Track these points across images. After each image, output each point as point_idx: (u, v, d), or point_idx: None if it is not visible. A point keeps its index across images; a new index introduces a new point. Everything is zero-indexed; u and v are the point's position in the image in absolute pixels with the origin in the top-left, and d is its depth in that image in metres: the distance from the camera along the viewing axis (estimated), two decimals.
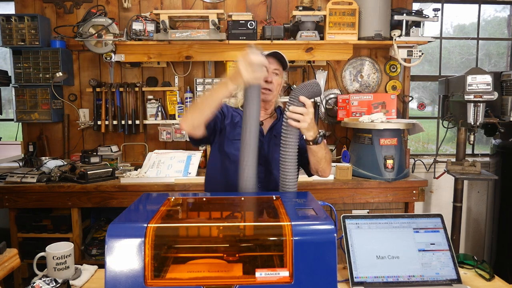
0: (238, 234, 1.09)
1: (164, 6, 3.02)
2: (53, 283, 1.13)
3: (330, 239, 0.96)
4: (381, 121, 2.59)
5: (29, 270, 2.53)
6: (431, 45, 3.40)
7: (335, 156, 3.10)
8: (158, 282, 0.96)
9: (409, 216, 1.32)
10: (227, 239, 1.09)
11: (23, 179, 2.47)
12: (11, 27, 2.78)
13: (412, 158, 3.19)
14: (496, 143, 3.09)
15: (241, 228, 1.12)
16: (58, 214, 2.53)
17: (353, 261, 1.22)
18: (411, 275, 1.20)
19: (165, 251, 1.05)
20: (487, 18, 3.55)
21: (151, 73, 3.07)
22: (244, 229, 1.11)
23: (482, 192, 3.37)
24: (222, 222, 1.16)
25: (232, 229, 1.11)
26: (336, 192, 2.53)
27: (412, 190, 2.57)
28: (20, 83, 2.86)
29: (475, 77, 2.46)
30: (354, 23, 2.76)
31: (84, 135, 3.09)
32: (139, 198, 1.26)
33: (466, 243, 3.41)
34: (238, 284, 0.95)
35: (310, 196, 1.29)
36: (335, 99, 3.10)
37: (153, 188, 2.46)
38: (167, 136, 3.02)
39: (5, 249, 1.38)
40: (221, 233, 1.09)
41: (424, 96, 3.77)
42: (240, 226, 1.12)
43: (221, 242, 1.09)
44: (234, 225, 1.12)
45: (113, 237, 0.94)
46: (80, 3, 2.98)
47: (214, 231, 1.10)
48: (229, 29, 2.73)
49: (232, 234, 1.09)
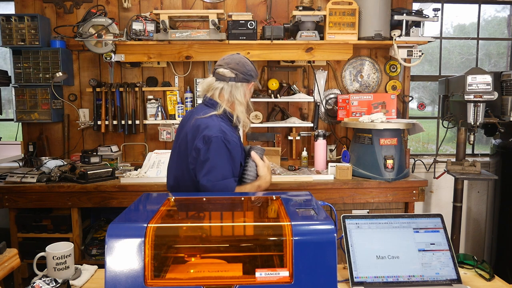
0: (238, 234, 1.09)
1: (164, 6, 3.02)
2: (53, 283, 1.13)
3: (330, 239, 0.96)
4: (381, 121, 2.59)
5: (29, 270, 2.53)
6: (431, 45, 3.40)
7: (335, 156, 3.10)
8: (158, 282, 0.96)
9: (409, 216, 1.32)
10: (227, 239, 1.09)
11: (23, 179, 2.47)
12: (11, 27, 2.78)
13: (412, 158, 3.19)
14: (496, 143, 3.09)
15: (241, 228, 1.12)
16: (58, 214, 2.53)
17: (353, 261, 1.22)
18: (411, 275, 1.20)
19: (165, 251, 1.05)
20: (487, 18, 3.55)
21: (151, 73, 3.07)
22: (244, 229, 1.11)
23: (482, 192, 3.37)
24: (222, 222, 1.16)
25: (232, 229, 1.11)
26: (336, 192, 2.53)
27: (412, 190, 2.57)
28: (20, 83, 2.86)
29: (475, 77, 2.46)
30: (354, 23, 2.76)
31: (84, 135, 3.09)
32: (139, 198, 1.26)
33: (466, 243, 3.41)
34: (238, 284, 0.95)
35: (310, 196, 1.29)
36: (335, 99, 3.10)
37: (153, 188, 2.46)
38: (167, 136, 3.02)
39: (5, 249, 1.38)
40: (221, 233, 1.09)
41: (424, 96, 3.77)
42: (240, 226, 1.12)
43: (221, 242, 1.09)
44: (234, 225, 1.12)
45: (113, 237, 0.94)
46: (80, 3, 2.98)
47: (214, 231, 1.10)
48: (229, 29, 2.73)
49: (232, 234, 1.09)
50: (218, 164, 1.53)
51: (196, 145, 1.56)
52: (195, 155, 1.57)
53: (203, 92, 1.74)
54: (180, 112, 2.98)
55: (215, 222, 1.18)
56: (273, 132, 3.11)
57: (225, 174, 1.54)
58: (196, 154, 1.56)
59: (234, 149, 1.56)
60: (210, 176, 1.53)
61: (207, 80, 1.70)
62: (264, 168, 1.64)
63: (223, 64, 1.67)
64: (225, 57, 1.70)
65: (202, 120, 1.60)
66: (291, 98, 3.02)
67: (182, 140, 1.66)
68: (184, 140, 1.64)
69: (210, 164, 1.53)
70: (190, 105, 2.98)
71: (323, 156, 2.82)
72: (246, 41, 2.73)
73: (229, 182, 1.55)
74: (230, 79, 1.64)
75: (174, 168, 1.72)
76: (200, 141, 1.55)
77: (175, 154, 1.74)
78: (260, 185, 1.63)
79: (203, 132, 1.55)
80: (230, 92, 1.64)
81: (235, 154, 1.57)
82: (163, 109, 3.03)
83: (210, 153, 1.52)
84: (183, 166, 1.64)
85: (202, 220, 1.22)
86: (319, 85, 3.09)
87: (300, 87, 3.12)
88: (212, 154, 1.52)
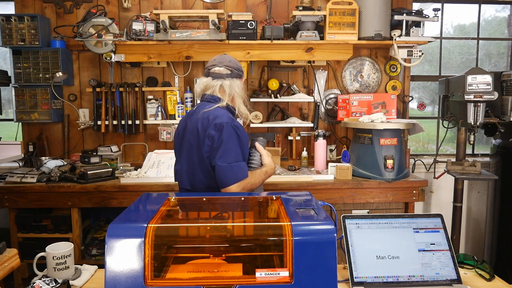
0: (238, 234, 1.09)
1: (164, 6, 3.02)
2: (53, 283, 1.13)
3: (330, 239, 0.96)
4: (381, 121, 2.59)
5: (29, 270, 2.53)
6: (431, 45, 3.40)
7: (335, 156, 3.10)
8: (158, 282, 0.96)
9: (409, 216, 1.32)
10: (227, 239, 1.09)
11: (23, 179, 2.47)
12: (11, 27, 2.78)
13: (412, 158, 3.19)
14: (496, 143, 3.09)
15: (241, 228, 1.12)
16: (58, 214, 2.53)
17: (353, 261, 1.22)
18: (411, 275, 1.20)
19: (165, 251, 1.05)
20: (487, 18, 3.55)
21: (151, 73, 3.07)
22: (244, 229, 1.11)
23: (482, 192, 3.37)
24: (222, 222, 1.16)
25: (232, 229, 1.10)
26: (336, 192, 2.53)
27: (412, 190, 2.57)
28: (20, 83, 2.86)
29: (475, 77, 2.46)
30: (354, 23, 2.76)
31: (84, 135, 3.09)
32: (139, 198, 1.27)
33: (466, 243, 3.41)
34: (238, 284, 0.95)
35: (310, 196, 1.29)
36: (335, 99, 3.10)
37: (153, 188, 2.46)
38: (167, 136, 3.02)
39: (5, 249, 1.38)
40: (221, 233, 1.09)
41: (424, 96, 3.77)
42: (240, 226, 1.12)
43: (221, 242, 1.09)
44: (234, 225, 1.12)
45: (113, 237, 0.94)
46: (80, 3, 2.98)
47: (214, 231, 1.10)
48: (229, 29, 2.73)
49: (232, 234, 1.09)
50: (231, 148, 1.64)
51: (210, 133, 1.65)
52: (210, 143, 1.66)
53: (201, 92, 1.81)
54: (180, 112, 2.98)
55: (215, 222, 1.18)
56: (273, 132, 3.11)
57: (237, 158, 1.65)
58: (211, 141, 1.65)
59: (242, 135, 1.67)
60: (226, 158, 1.62)
61: (203, 80, 1.79)
62: (268, 157, 1.78)
63: (216, 63, 1.76)
64: (215, 58, 1.80)
65: (210, 112, 1.70)
66: (291, 98, 3.02)
67: (190, 134, 1.74)
68: (193, 134, 1.72)
69: (224, 148, 1.63)
70: (190, 105, 2.98)
71: (323, 156, 2.82)
72: (246, 41, 2.73)
73: (243, 165, 1.65)
74: (227, 76, 1.75)
75: (185, 164, 1.77)
76: (212, 128, 1.64)
77: (183, 151, 1.78)
78: (267, 172, 1.75)
79: (214, 121, 1.65)
80: (229, 86, 1.75)
81: (244, 139, 1.68)
82: (163, 109, 3.03)
83: (223, 137, 1.63)
84: (195, 159, 1.73)
85: (202, 220, 1.22)
86: (319, 85, 3.09)
87: (300, 87, 3.11)
88: (225, 139, 1.62)
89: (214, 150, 1.64)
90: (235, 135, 1.64)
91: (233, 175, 1.61)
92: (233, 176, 1.61)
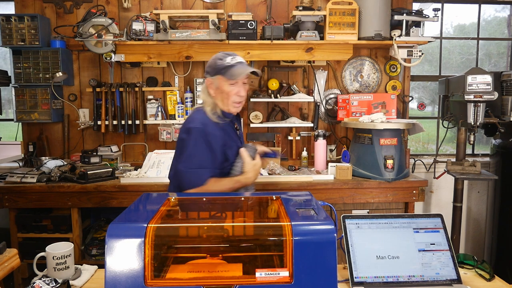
0: (238, 234, 1.09)
1: (164, 6, 3.02)
2: (53, 283, 1.13)
3: (330, 239, 0.96)
4: (381, 121, 2.59)
5: (29, 270, 2.53)
6: (431, 45, 3.40)
7: (335, 156, 3.10)
8: (158, 282, 0.96)
9: (409, 216, 1.32)
10: (227, 239, 1.09)
11: (23, 179, 2.47)
12: (11, 27, 2.78)
13: (412, 158, 3.19)
14: (496, 143, 3.09)
15: (241, 228, 1.12)
16: (58, 214, 2.53)
17: (353, 261, 1.22)
18: (411, 275, 1.20)
19: (165, 251, 1.05)
20: (487, 18, 3.55)
21: (151, 73, 3.07)
22: (244, 229, 1.11)
23: (482, 192, 3.37)
24: (222, 222, 1.16)
25: (232, 229, 1.10)
26: (336, 192, 2.53)
27: (412, 190, 2.57)
28: (20, 83, 2.86)
29: (475, 77, 2.46)
30: (354, 23, 2.76)
31: (84, 135, 3.09)
32: (139, 198, 1.26)
33: (466, 243, 3.41)
34: (238, 284, 0.95)
35: (310, 196, 1.29)
36: (335, 99, 3.10)
37: (153, 188, 2.46)
38: (167, 136, 3.02)
39: (5, 249, 1.38)
40: (221, 233, 1.09)
41: (424, 96, 3.77)
42: (240, 226, 1.12)
43: (221, 242, 1.09)
44: (234, 225, 1.12)
45: (113, 237, 0.94)
46: (80, 3, 2.98)
47: (214, 231, 1.10)
48: (229, 29, 2.73)
49: (232, 234, 1.09)
50: (195, 153, 1.63)
51: (180, 136, 1.70)
52: (180, 145, 1.70)
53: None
54: (180, 112, 2.98)
55: (215, 222, 1.18)
56: (273, 132, 3.11)
57: (202, 164, 1.63)
58: (180, 144, 1.69)
59: (214, 141, 1.64)
60: (187, 162, 1.64)
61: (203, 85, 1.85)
62: (249, 165, 1.70)
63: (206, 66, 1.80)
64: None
65: (190, 115, 1.77)
66: (291, 98, 3.02)
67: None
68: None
69: (188, 152, 1.64)
70: (190, 105, 2.98)
71: (323, 156, 2.82)
72: (246, 41, 2.73)
73: (203, 172, 1.63)
74: (206, 76, 1.76)
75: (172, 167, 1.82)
76: (183, 131, 1.69)
77: None
78: (239, 180, 1.68)
79: (187, 124, 1.70)
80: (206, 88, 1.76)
81: (215, 146, 1.64)
82: (163, 109, 3.03)
83: (190, 142, 1.64)
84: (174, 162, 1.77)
85: (202, 220, 1.22)
86: (319, 85, 3.09)
87: (300, 87, 3.12)
88: (191, 143, 1.63)
89: (181, 153, 1.67)
90: (202, 140, 1.62)
91: (188, 181, 1.62)
92: (188, 182, 1.61)
